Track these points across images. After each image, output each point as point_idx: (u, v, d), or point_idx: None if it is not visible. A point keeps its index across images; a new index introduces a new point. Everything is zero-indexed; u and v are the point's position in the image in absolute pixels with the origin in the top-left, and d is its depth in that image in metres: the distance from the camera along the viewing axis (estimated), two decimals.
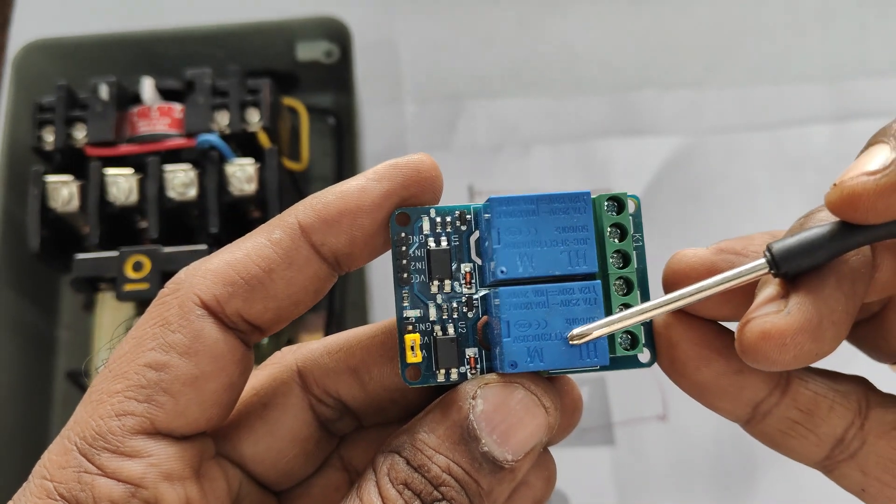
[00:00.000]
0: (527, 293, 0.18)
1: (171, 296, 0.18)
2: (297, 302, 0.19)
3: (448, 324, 0.19)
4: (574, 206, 0.19)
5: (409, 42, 0.54)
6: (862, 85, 0.53)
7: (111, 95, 0.40)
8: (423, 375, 0.19)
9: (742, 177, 0.50)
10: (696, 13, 0.55)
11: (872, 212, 0.17)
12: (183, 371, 0.18)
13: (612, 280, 0.19)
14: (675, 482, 0.44)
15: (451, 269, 0.19)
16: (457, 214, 0.20)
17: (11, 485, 0.43)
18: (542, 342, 0.18)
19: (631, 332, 0.19)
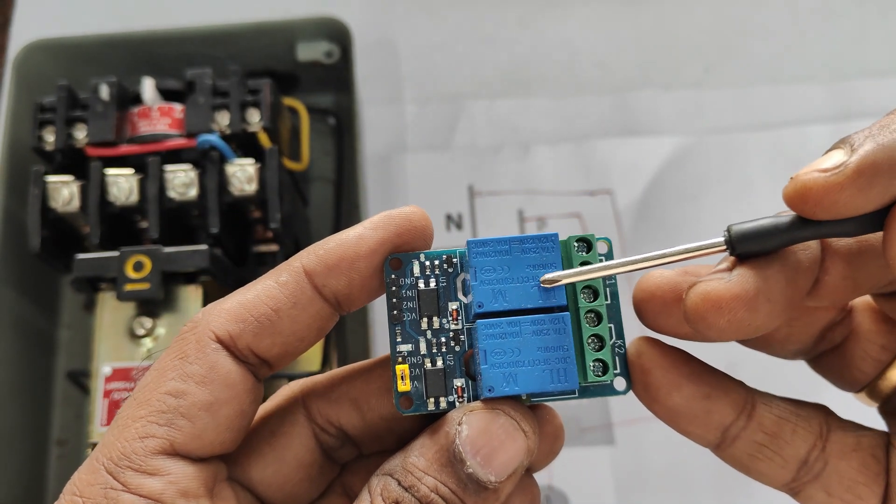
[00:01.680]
0: (501, 325, 0.20)
1: (190, 332, 0.21)
2: (302, 338, 0.21)
3: (437, 357, 0.21)
4: (543, 245, 0.21)
5: (409, 42, 0.54)
6: (861, 85, 0.53)
7: (112, 96, 0.40)
8: (415, 404, 0.21)
9: (741, 177, 0.50)
10: (696, 14, 0.55)
11: (820, 206, 0.19)
12: (200, 398, 0.20)
13: (583, 312, 0.21)
14: (675, 482, 0.44)
15: (439, 307, 0.21)
16: (444, 258, 0.22)
17: (12, 484, 0.43)
18: (517, 368, 0.20)
19: (601, 359, 0.21)
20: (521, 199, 0.50)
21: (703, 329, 0.20)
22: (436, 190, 0.50)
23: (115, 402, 0.36)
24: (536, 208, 0.50)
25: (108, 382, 0.36)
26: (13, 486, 0.42)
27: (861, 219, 0.19)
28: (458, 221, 0.49)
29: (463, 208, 0.50)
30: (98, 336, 0.37)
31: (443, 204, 0.50)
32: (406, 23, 0.55)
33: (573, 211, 0.50)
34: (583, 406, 0.45)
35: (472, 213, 0.50)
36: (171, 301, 0.37)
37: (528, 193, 0.50)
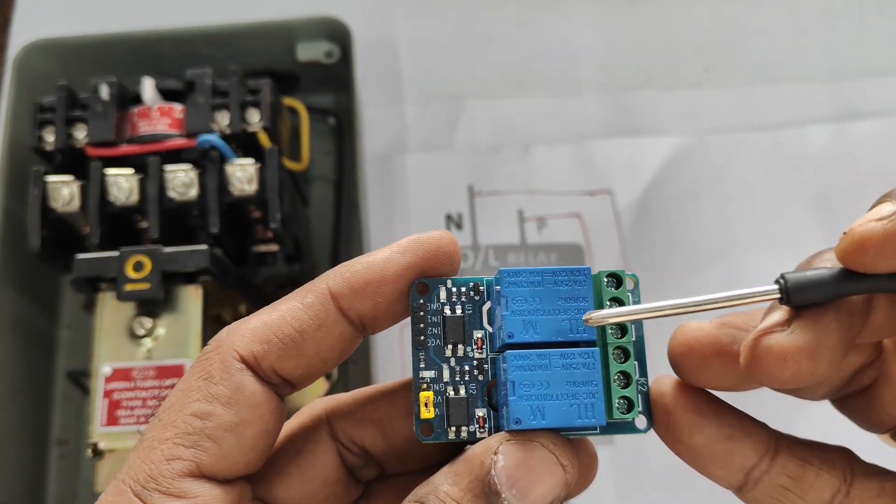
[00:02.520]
0: (531, 356, 0.20)
1: (214, 352, 0.20)
2: (326, 360, 0.21)
3: (460, 385, 0.21)
4: (575, 279, 0.21)
5: (409, 42, 0.54)
6: (861, 85, 0.53)
7: (112, 96, 0.40)
8: (436, 432, 0.21)
9: (741, 177, 0.50)
10: (696, 14, 0.55)
11: (881, 256, 0.19)
12: (225, 419, 0.20)
13: (611, 349, 0.21)
14: (675, 482, 0.44)
15: (465, 335, 0.21)
16: (471, 285, 0.21)
17: (12, 483, 0.43)
18: (545, 402, 0.20)
19: (627, 396, 0.21)
20: (521, 199, 0.50)
21: (766, 381, 0.19)
22: (436, 190, 0.50)
23: (115, 402, 0.36)
24: (536, 208, 0.50)
25: (108, 382, 0.36)
26: (13, 486, 0.42)
27: None
28: (458, 221, 0.49)
29: (463, 208, 0.50)
30: (98, 336, 0.37)
31: (443, 204, 0.50)
32: (406, 23, 0.55)
33: (573, 211, 0.50)
34: None
35: (472, 213, 0.50)
36: (172, 301, 0.37)
37: (528, 193, 0.50)
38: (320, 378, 0.43)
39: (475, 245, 0.49)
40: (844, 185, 0.50)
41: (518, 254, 0.49)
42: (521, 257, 0.48)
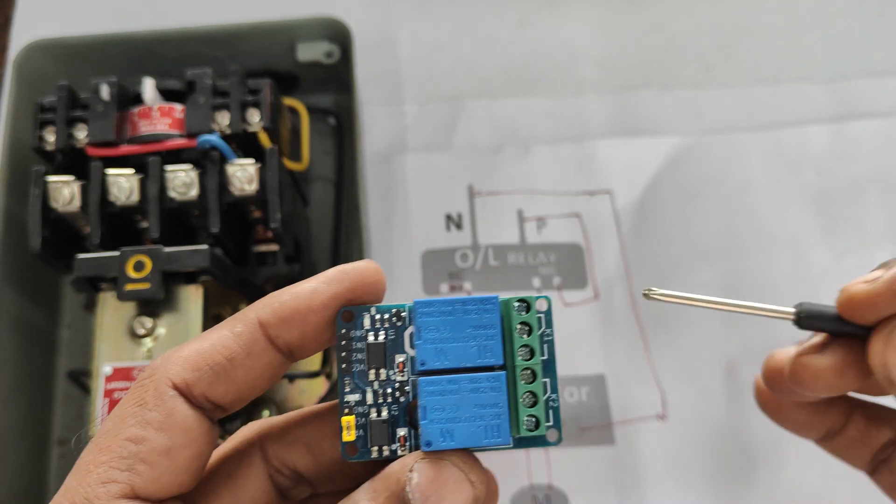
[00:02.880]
0: (441, 382, 0.21)
1: (148, 380, 0.21)
2: (254, 386, 0.22)
3: (382, 407, 0.22)
4: (483, 307, 0.22)
5: (409, 43, 0.54)
6: (861, 85, 0.53)
7: (112, 96, 0.40)
8: (360, 452, 0.22)
9: (741, 177, 0.50)
10: (695, 14, 0.56)
11: (865, 310, 0.25)
12: (158, 443, 0.21)
13: (519, 370, 0.22)
14: (674, 481, 0.44)
15: (387, 360, 0.22)
16: (394, 312, 0.23)
17: (13, 483, 0.43)
18: (454, 424, 0.21)
19: (534, 415, 0.22)
20: (521, 199, 0.50)
21: (804, 389, 0.26)
22: (436, 190, 0.50)
23: (116, 402, 0.36)
24: (536, 208, 0.50)
25: (109, 382, 0.36)
26: (14, 486, 0.42)
27: None
28: (457, 221, 0.50)
29: (463, 208, 0.50)
30: (99, 336, 0.37)
31: (443, 204, 0.50)
32: (406, 23, 0.55)
33: (572, 211, 0.50)
34: (582, 406, 0.45)
35: (472, 213, 0.50)
36: (172, 301, 0.37)
37: (528, 193, 0.50)
38: (321, 377, 0.43)
39: (475, 245, 0.49)
40: (844, 184, 0.50)
41: (518, 253, 0.49)
42: (520, 257, 0.49)
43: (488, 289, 0.48)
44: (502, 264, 0.48)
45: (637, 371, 0.46)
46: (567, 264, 0.48)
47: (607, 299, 0.48)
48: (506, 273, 0.48)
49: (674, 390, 0.46)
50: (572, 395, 0.46)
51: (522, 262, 0.48)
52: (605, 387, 0.46)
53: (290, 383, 0.42)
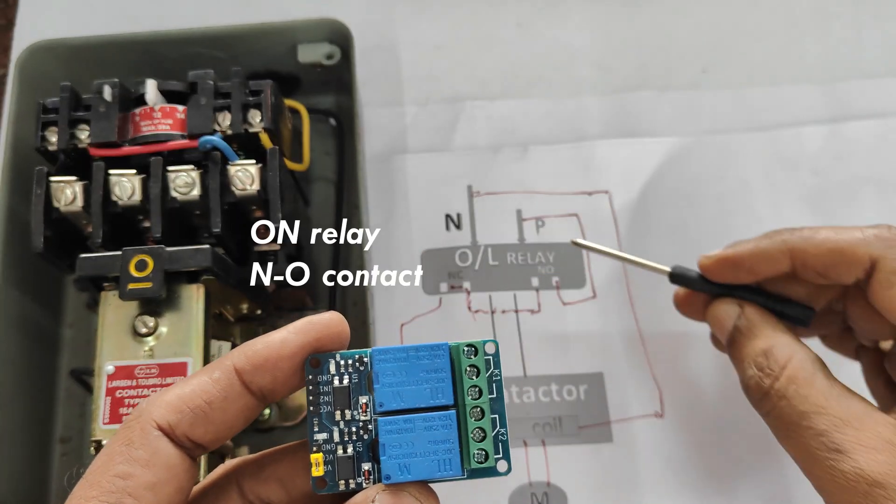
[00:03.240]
0: (398, 422, 0.24)
1: (135, 421, 0.24)
2: (231, 426, 0.25)
3: (348, 444, 0.24)
4: (434, 353, 0.24)
5: (409, 44, 0.55)
6: (857, 86, 0.53)
7: (114, 97, 0.40)
8: (328, 485, 0.24)
9: (738, 177, 0.51)
10: (693, 15, 0.56)
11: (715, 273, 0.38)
12: (144, 479, 0.23)
13: (469, 409, 0.24)
14: (672, 478, 0.44)
15: (351, 402, 0.24)
16: (356, 358, 0.25)
17: (15, 481, 0.43)
18: (410, 459, 0.23)
19: (483, 448, 0.24)
20: (520, 199, 0.50)
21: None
22: (435, 190, 0.51)
23: (118, 400, 0.37)
24: (535, 208, 0.50)
25: (111, 380, 0.37)
26: (16, 483, 0.42)
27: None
28: (457, 221, 0.50)
29: (462, 208, 0.50)
30: (101, 334, 0.37)
31: (442, 204, 0.50)
32: (406, 25, 0.55)
33: (571, 211, 0.50)
34: (581, 404, 0.46)
35: (472, 213, 0.50)
36: (174, 300, 0.37)
37: (527, 193, 0.50)
38: None
39: (474, 244, 0.49)
40: (839, 184, 0.50)
41: (516, 253, 0.49)
42: (519, 256, 0.49)
43: (487, 288, 0.48)
44: (501, 264, 0.49)
45: (635, 369, 0.46)
46: (565, 264, 0.49)
47: (605, 298, 0.48)
48: (505, 272, 0.49)
49: (671, 389, 0.46)
50: (571, 394, 0.46)
51: (521, 261, 0.49)
52: (604, 385, 0.46)
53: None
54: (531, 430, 0.45)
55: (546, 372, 0.46)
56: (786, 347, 0.34)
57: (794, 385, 0.33)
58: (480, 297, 0.48)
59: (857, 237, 0.35)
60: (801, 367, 0.34)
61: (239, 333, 0.45)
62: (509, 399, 0.46)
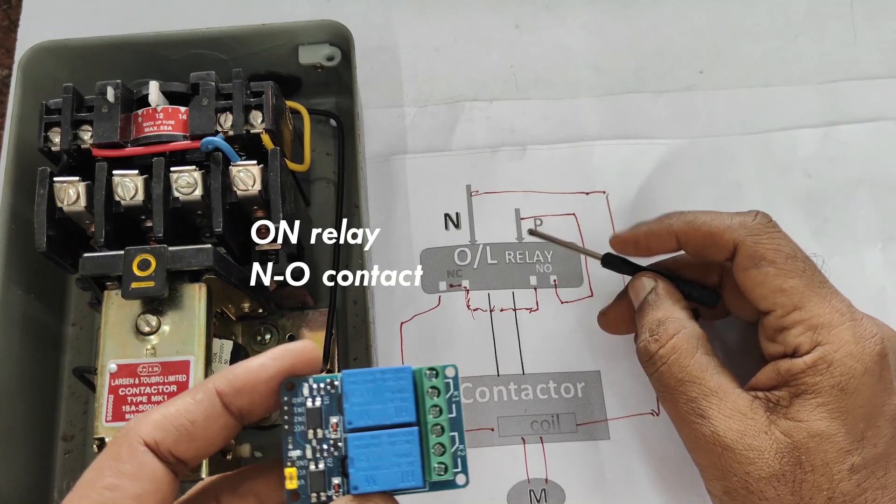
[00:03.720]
0: (365, 438, 0.26)
1: (123, 438, 0.26)
2: (212, 444, 0.26)
3: (320, 460, 0.26)
4: (398, 376, 0.26)
5: (408, 46, 0.55)
6: (852, 88, 0.54)
7: (117, 98, 0.40)
8: (301, 498, 0.26)
9: (733, 179, 0.51)
10: (689, 18, 0.56)
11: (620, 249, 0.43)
12: (130, 491, 0.25)
13: (430, 426, 0.26)
14: (668, 475, 0.45)
15: (322, 421, 0.26)
16: (328, 381, 0.27)
17: (18, 478, 0.44)
18: (376, 471, 0.25)
19: (443, 462, 0.26)
20: (518, 199, 0.51)
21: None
22: (434, 190, 0.51)
23: (121, 398, 0.37)
24: (533, 208, 0.50)
25: (114, 379, 0.37)
26: (20, 481, 0.42)
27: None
28: (456, 221, 0.50)
29: (461, 208, 0.50)
30: (104, 333, 0.37)
31: (441, 203, 0.50)
32: (406, 27, 0.56)
33: (569, 210, 0.50)
34: (578, 401, 0.46)
35: (470, 213, 0.50)
36: (176, 299, 0.38)
37: (525, 193, 0.51)
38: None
39: (473, 244, 0.49)
40: (834, 187, 0.51)
41: (514, 252, 0.49)
42: (517, 255, 0.49)
43: (486, 286, 0.48)
44: (500, 262, 0.49)
45: (632, 367, 0.46)
46: (563, 262, 0.49)
47: (602, 297, 0.48)
48: (503, 271, 0.49)
49: None
50: (569, 391, 0.46)
51: (519, 260, 0.49)
52: (601, 383, 0.47)
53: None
54: (529, 428, 0.46)
55: (544, 370, 0.47)
56: (678, 322, 0.39)
57: (675, 354, 0.38)
58: (479, 296, 0.48)
59: (725, 223, 0.39)
60: (685, 339, 0.38)
61: (241, 332, 0.46)
62: (507, 396, 0.46)
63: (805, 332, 0.36)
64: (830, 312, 0.36)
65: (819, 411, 0.35)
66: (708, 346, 0.39)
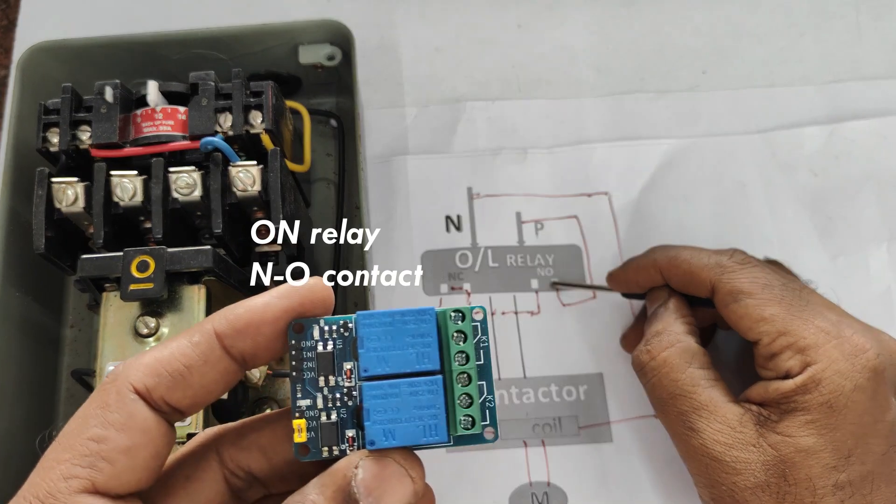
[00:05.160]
0: (383, 387, 0.23)
1: (111, 384, 0.23)
2: (210, 391, 0.24)
3: (332, 411, 0.24)
4: (420, 318, 0.24)
5: (409, 46, 0.55)
6: (854, 87, 0.53)
7: (116, 98, 0.40)
8: (312, 452, 0.24)
9: (736, 178, 0.51)
10: (692, 17, 0.56)
11: (614, 285, 0.45)
12: (119, 443, 0.22)
13: (455, 375, 0.24)
14: (671, 478, 0.44)
15: (335, 367, 0.24)
16: (341, 323, 0.24)
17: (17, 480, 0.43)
18: (395, 425, 0.23)
19: (470, 415, 0.23)
20: (520, 201, 0.50)
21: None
22: (435, 192, 0.51)
23: None
24: (534, 210, 0.50)
25: None
26: (17, 484, 0.42)
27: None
28: (457, 223, 0.50)
29: (462, 210, 0.50)
30: (102, 335, 0.37)
31: (442, 206, 0.50)
32: (407, 26, 0.55)
33: (570, 213, 0.50)
34: (581, 404, 0.46)
35: (471, 215, 0.50)
36: (175, 301, 0.37)
37: (527, 195, 0.51)
38: None
39: (474, 246, 0.49)
40: (838, 186, 0.51)
41: (516, 255, 0.49)
42: (519, 258, 0.49)
43: (487, 290, 0.48)
44: (501, 265, 0.49)
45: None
46: (565, 265, 0.49)
47: (604, 299, 0.48)
48: (504, 274, 0.49)
49: None
50: (570, 394, 0.46)
51: (521, 263, 0.49)
52: (603, 386, 0.46)
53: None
54: (531, 431, 0.45)
55: (546, 373, 0.46)
56: (673, 335, 0.39)
57: (666, 368, 0.38)
58: (480, 299, 0.48)
59: (703, 262, 0.40)
60: (677, 353, 0.39)
61: None
62: (509, 400, 0.46)
63: (794, 356, 0.36)
64: (815, 333, 0.36)
65: (807, 428, 0.35)
66: (704, 359, 0.39)
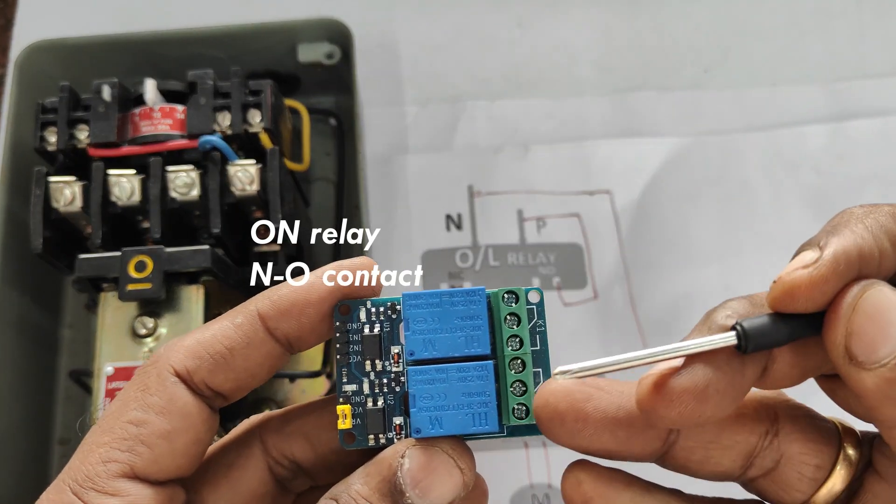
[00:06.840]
0: (430, 371, 0.22)
1: (152, 366, 0.22)
2: (254, 375, 0.23)
3: (379, 397, 0.23)
4: (470, 299, 0.22)
5: (409, 44, 0.55)
6: (858, 86, 0.53)
7: (114, 97, 0.40)
8: (357, 440, 0.22)
9: (739, 177, 0.51)
10: (694, 15, 0.56)
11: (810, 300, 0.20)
12: (159, 427, 0.22)
13: (507, 360, 0.22)
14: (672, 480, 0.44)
15: (382, 351, 0.23)
16: (389, 305, 0.23)
17: (14, 482, 0.43)
18: (442, 412, 0.22)
19: (524, 403, 0.22)
20: (521, 199, 0.50)
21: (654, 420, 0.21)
22: (436, 190, 0.50)
23: None
24: (536, 208, 0.50)
25: (111, 382, 0.37)
26: (15, 485, 0.42)
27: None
28: (457, 222, 0.50)
29: (463, 208, 0.50)
30: (100, 336, 0.37)
31: (443, 204, 0.50)
32: (406, 24, 0.55)
33: (572, 211, 0.50)
34: None
35: (472, 214, 0.50)
36: (173, 301, 0.37)
37: (528, 193, 0.50)
38: (321, 377, 0.43)
39: (475, 245, 0.49)
40: (842, 184, 0.50)
41: (517, 253, 0.49)
42: (520, 257, 0.49)
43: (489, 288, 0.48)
44: (502, 264, 0.49)
45: (636, 370, 0.46)
46: (566, 264, 0.49)
47: (606, 299, 0.48)
48: (505, 273, 0.48)
49: None
50: None
51: (522, 261, 0.49)
52: None
53: (290, 383, 0.43)
54: None
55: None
56: None
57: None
58: None
59: None
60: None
61: None
62: None
63: None
64: None
65: None
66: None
